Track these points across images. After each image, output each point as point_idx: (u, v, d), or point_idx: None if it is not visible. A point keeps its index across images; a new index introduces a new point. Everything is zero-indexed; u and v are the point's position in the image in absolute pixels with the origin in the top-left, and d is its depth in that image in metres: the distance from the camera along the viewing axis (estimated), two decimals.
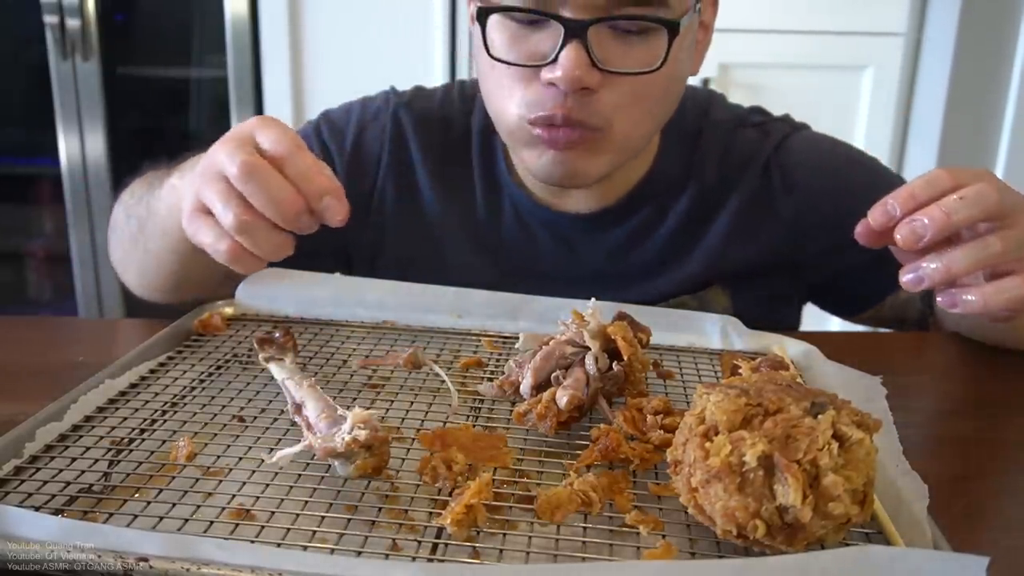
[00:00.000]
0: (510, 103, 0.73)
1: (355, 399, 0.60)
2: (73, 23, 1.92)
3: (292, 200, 0.54)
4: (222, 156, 0.55)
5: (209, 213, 0.56)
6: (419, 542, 0.44)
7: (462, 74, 1.93)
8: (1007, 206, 0.56)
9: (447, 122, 0.91)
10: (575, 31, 0.67)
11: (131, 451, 0.52)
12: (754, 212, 0.85)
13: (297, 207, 0.54)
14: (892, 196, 0.57)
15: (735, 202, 0.85)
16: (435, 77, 1.91)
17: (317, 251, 0.82)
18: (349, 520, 0.45)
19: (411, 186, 0.89)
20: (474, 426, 0.56)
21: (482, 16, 0.71)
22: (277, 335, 0.66)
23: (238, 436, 0.54)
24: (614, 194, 0.85)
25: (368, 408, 0.50)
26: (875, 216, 0.57)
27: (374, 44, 1.92)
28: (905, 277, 0.57)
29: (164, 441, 0.53)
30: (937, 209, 0.55)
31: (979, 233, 0.56)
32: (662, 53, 0.69)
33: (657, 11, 0.68)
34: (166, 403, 0.58)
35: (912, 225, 0.55)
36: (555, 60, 0.68)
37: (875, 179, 0.87)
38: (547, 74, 0.69)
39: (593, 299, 0.62)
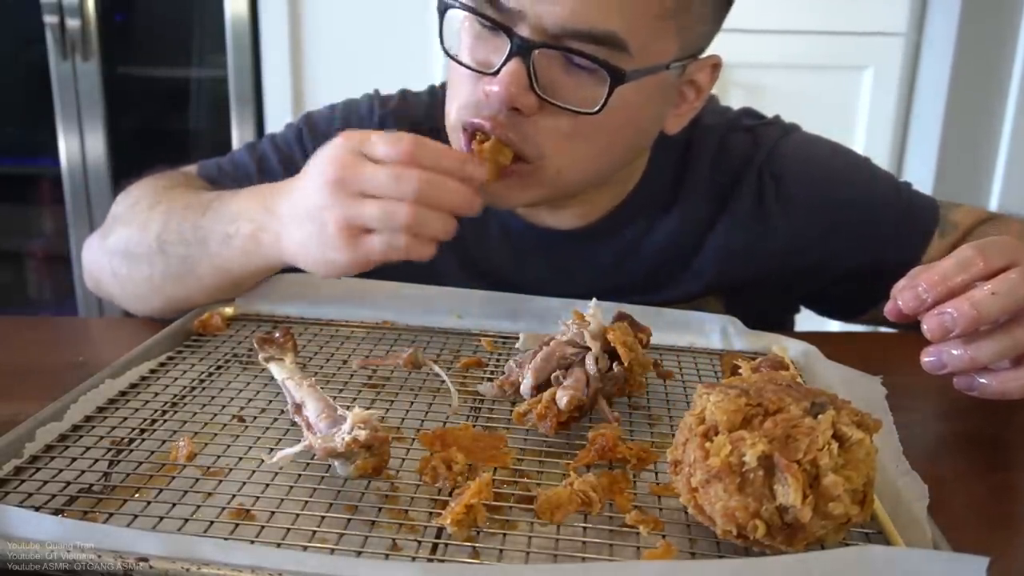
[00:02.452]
0: (453, 103, 0.72)
1: (355, 399, 0.60)
2: (73, 23, 1.92)
3: (456, 187, 0.62)
4: (367, 174, 0.61)
5: (361, 233, 0.62)
6: (419, 542, 0.44)
7: None
8: None
9: (434, 134, 0.89)
10: (521, 49, 0.65)
11: (131, 451, 0.52)
12: (748, 227, 0.82)
13: (462, 189, 0.62)
14: (924, 279, 0.56)
15: (729, 217, 0.83)
16: (434, 76, 1.89)
17: None
18: (349, 520, 0.45)
19: None
20: (474, 426, 0.56)
21: (441, 9, 0.71)
22: (277, 335, 0.66)
23: (238, 436, 0.54)
24: (602, 209, 0.82)
25: (368, 408, 0.50)
26: (906, 300, 0.57)
27: (374, 44, 1.92)
28: (926, 359, 0.57)
29: (164, 441, 0.53)
30: (967, 304, 0.54)
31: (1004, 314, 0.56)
32: (602, 98, 0.66)
33: (610, 54, 0.66)
34: (166, 403, 0.58)
35: (941, 319, 0.55)
36: (496, 73, 0.66)
37: (869, 185, 0.86)
38: (485, 84, 0.68)
39: (594, 299, 0.62)
